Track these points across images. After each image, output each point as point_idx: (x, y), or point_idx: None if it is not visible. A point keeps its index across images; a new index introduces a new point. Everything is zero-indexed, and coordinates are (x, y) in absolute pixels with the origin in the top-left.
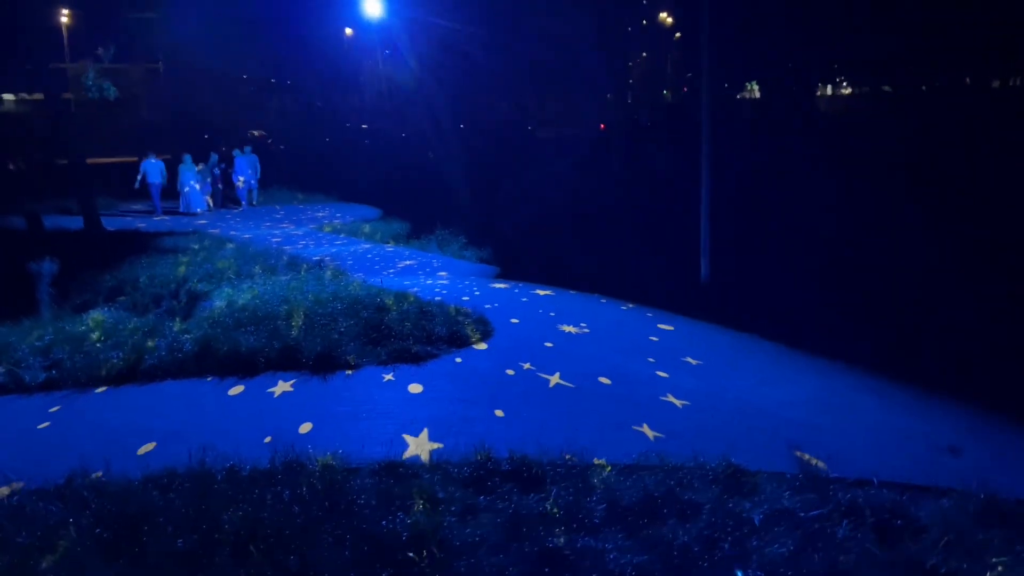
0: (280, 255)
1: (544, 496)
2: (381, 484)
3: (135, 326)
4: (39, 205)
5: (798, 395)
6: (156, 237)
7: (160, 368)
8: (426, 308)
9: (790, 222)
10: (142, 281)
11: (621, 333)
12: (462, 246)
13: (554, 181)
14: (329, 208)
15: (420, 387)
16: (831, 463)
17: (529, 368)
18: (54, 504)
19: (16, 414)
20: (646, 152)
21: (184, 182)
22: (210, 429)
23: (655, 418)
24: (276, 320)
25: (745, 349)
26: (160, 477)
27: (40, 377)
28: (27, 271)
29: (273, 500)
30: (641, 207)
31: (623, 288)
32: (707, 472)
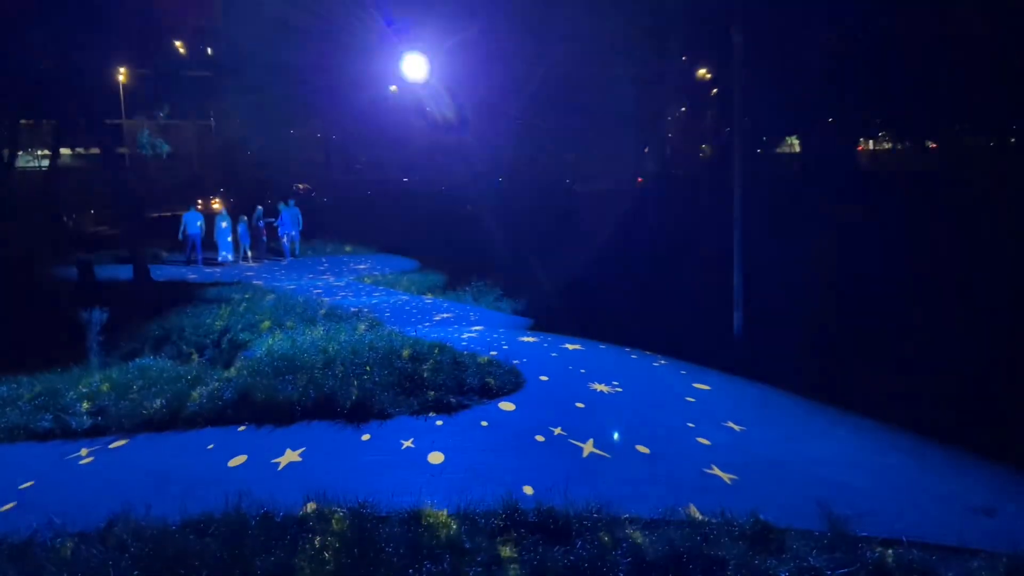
0: (319, 306)
1: (569, 548)
2: (409, 533)
3: (178, 374)
4: (91, 255)
5: (828, 452)
6: (201, 287)
7: (200, 415)
8: (459, 359)
9: (826, 278)
10: (187, 330)
11: (655, 392)
12: (497, 298)
13: (590, 234)
14: (369, 260)
15: (441, 456)
16: (860, 521)
17: (560, 433)
18: (95, 547)
19: (61, 459)
20: (682, 206)
21: (217, 234)
22: (246, 476)
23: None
24: (313, 369)
25: (776, 405)
26: (197, 522)
27: (86, 423)
28: (78, 319)
29: (305, 546)
30: (675, 261)
31: (655, 341)
32: (734, 528)
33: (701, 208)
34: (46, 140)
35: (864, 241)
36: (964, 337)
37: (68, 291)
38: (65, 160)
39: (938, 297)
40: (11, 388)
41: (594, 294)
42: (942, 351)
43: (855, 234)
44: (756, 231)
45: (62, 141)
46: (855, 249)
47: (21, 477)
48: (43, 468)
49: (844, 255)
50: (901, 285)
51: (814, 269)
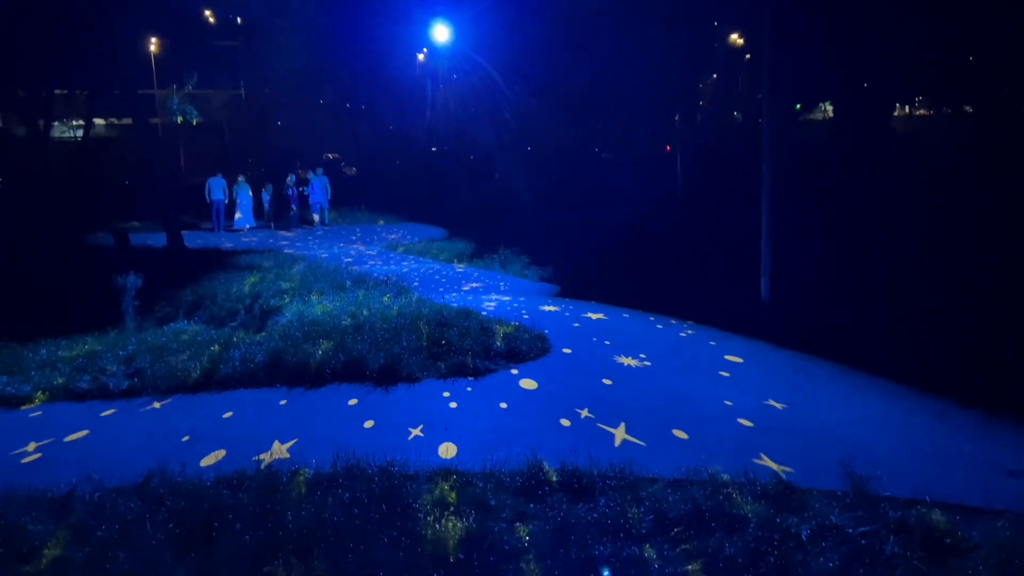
0: (349, 273)
1: (593, 506)
2: (436, 490)
3: (211, 338)
4: (126, 224)
5: (855, 415)
6: (233, 255)
7: (233, 377)
8: (486, 326)
9: (856, 243)
10: (219, 296)
11: (686, 366)
12: (524, 265)
13: (618, 202)
14: (398, 228)
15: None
16: (884, 483)
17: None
18: (132, 501)
19: (100, 418)
20: (712, 173)
21: (238, 201)
22: (278, 435)
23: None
24: (343, 334)
25: (809, 372)
26: (231, 478)
27: (123, 384)
28: (114, 285)
29: (334, 502)
30: (704, 228)
31: (683, 307)
32: (757, 488)
33: (731, 175)
34: (80, 110)
35: (895, 205)
36: (996, 302)
37: (104, 258)
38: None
39: (971, 261)
40: (51, 351)
41: (621, 261)
42: (974, 315)
43: (886, 199)
44: (785, 197)
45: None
46: (886, 214)
47: (61, 435)
48: (82, 427)
49: (874, 220)
50: (932, 249)
51: (843, 235)
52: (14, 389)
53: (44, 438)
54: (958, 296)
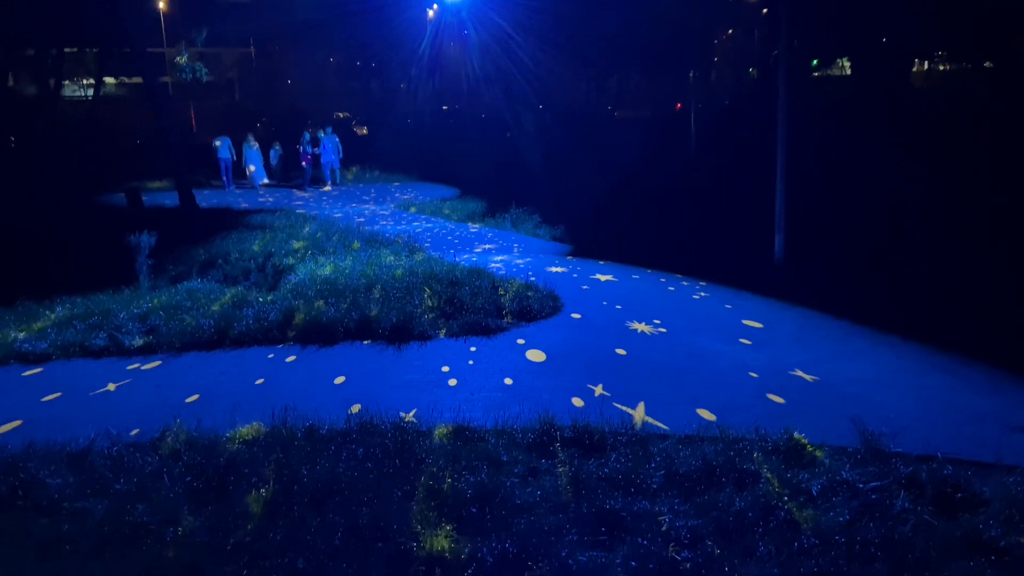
0: (361, 232)
1: (604, 461)
2: (448, 446)
3: (225, 296)
4: (138, 183)
5: (866, 372)
6: (245, 214)
7: (247, 335)
8: (497, 284)
9: (870, 200)
10: (232, 255)
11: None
12: (536, 224)
13: (631, 160)
14: (409, 188)
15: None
16: (895, 439)
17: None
18: (149, 455)
19: (116, 374)
20: (725, 131)
21: (247, 159)
22: (292, 392)
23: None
24: (355, 293)
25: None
26: (246, 433)
27: (138, 342)
28: (127, 244)
29: (348, 457)
30: (718, 185)
31: (696, 266)
32: (767, 444)
33: (745, 132)
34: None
35: (911, 162)
36: (1012, 259)
37: (117, 217)
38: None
39: (986, 221)
40: (67, 309)
41: (633, 220)
42: (988, 273)
43: (903, 158)
44: (800, 154)
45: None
46: (902, 173)
47: (78, 391)
48: (98, 383)
49: (890, 179)
50: (947, 206)
51: (858, 192)
52: (31, 346)
53: (61, 394)
54: (972, 253)
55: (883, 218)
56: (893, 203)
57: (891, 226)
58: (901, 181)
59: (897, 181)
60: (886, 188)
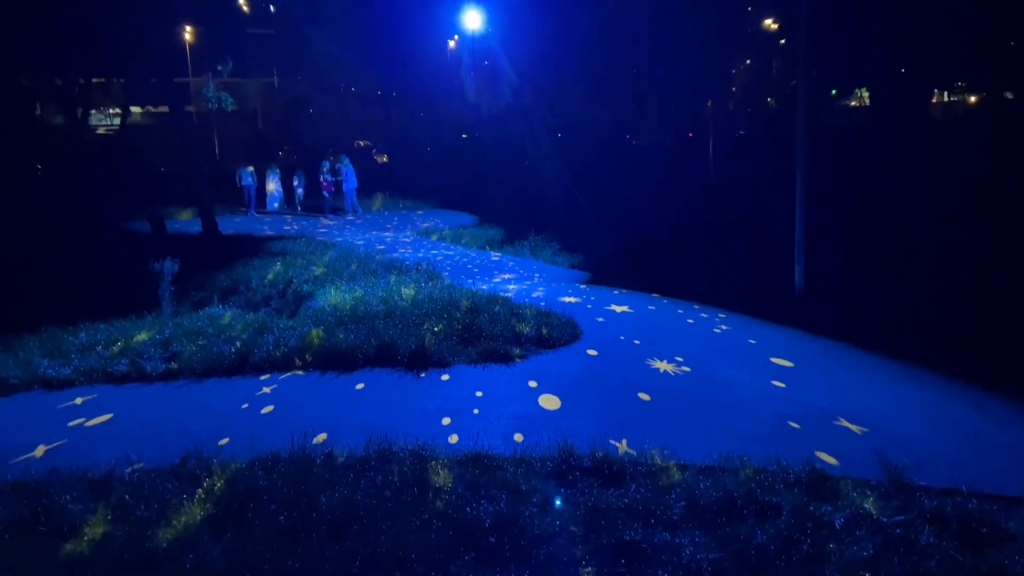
0: (381, 259)
1: (623, 492)
2: (467, 474)
3: (246, 323)
4: (162, 209)
5: (889, 404)
6: (267, 241)
7: (267, 361)
8: (516, 311)
9: (891, 231)
10: (253, 281)
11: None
12: (555, 252)
13: (649, 188)
14: (430, 215)
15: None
16: (919, 472)
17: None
18: (170, 481)
19: (137, 400)
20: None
21: (269, 185)
22: (310, 418)
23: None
24: (374, 319)
25: (838, 357)
26: (265, 459)
27: (160, 367)
28: (150, 270)
29: (367, 484)
30: (736, 214)
31: (715, 295)
32: (789, 476)
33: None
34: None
35: (932, 193)
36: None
37: (141, 244)
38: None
39: (1009, 252)
40: (90, 334)
41: (652, 248)
42: (1009, 304)
43: (923, 188)
44: (820, 184)
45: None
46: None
47: (100, 416)
48: (119, 408)
49: (910, 209)
50: (968, 238)
51: (878, 222)
52: (55, 372)
53: (83, 419)
54: (994, 285)
55: (904, 248)
56: (914, 233)
57: (912, 257)
58: (921, 211)
59: (917, 211)
60: (906, 218)
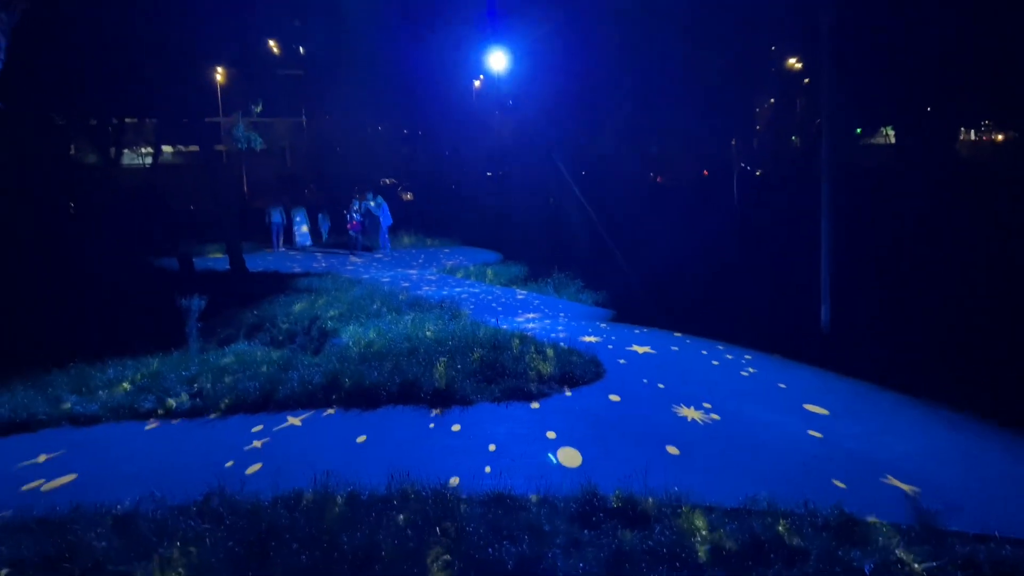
0: (405, 296)
1: (647, 534)
2: (489, 514)
3: (270, 359)
4: (191, 247)
5: (919, 446)
6: (293, 278)
7: (291, 398)
8: (540, 349)
9: (918, 270)
10: (279, 318)
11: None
12: (579, 289)
13: (673, 226)
14: (454, 252)
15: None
16: (951, 517)
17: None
18: (193, 519)
19: (162, 437)
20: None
21: (297, 225)
22: (333, 456)
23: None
24: (398, 357)
25: (870, 400)
26: (288, 498)
27: (186, 404)
28: (178, 307)
29: (388, 524)
30: (761, 253)
31: (740, 333)
32: (817, 519)
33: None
34: (149, 138)
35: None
36: None
37: (169, 280)
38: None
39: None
40: (118, 370)
41: (676, 286)
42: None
43: (950, 225)
44: (845, 222)
45: (163, 138)
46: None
47: (125, 454)
48: (145, 445)
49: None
50: (997, 277)
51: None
52: (82, 408)
53: (108, 455)
54: None
55: (930, 287)
56: (940, 272)
57: (939, 296)
58: (948, 250)
59: (944, 250)
60: (933, 257)
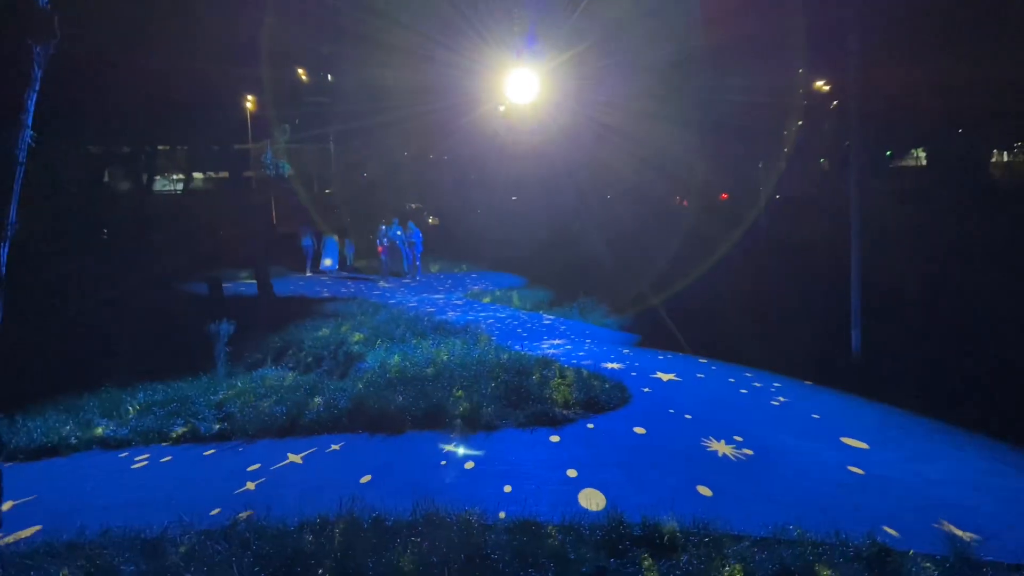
0: (430, 321)
1: (675, 563)
2: (514, 541)
3: (297, 384)
4: (220, 272)
5: (953, 474)
6: (320, 302)
7: (318, 423)
8: (564, 374)
9: (949, 294)
10: (306, 342)
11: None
12: (604, 314)
13: (700, 250)
14: (480, 276)
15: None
16: (985, 546)
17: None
18: (220, 543)
19: (191, 461)
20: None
21: (326, 250)
22: (358, 481)
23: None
24: (423, 381)
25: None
26: (313, 523)
27: (214, 428)
28: (207, 332)
29: (414, 550)
30: (789, 277)
31: (766, 358)
32: (849, 549)
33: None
34: (180, 164)
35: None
36: None
37: (199, 305)
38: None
39: None
40: (148, 395)
41: (702, 311)
42: None
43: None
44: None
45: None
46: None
47: (155, 477)
48: (173, 470)
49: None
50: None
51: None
52: (113, 432)
53: (138, 479)
54: None
55: (964, 311)
56: (973, 296)
57: (972, 319)
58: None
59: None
60: (965, 281)
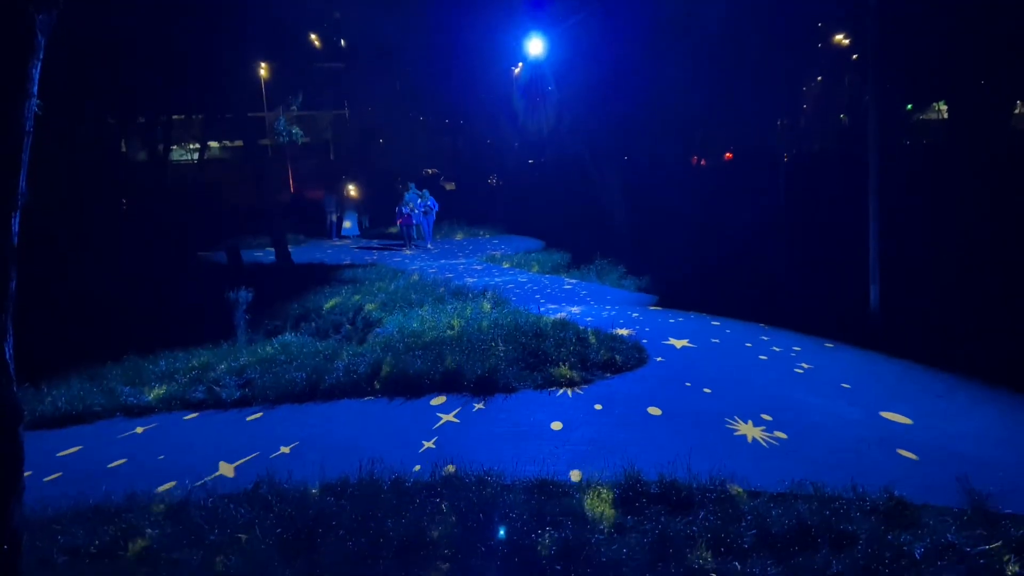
0: (449, 285)
1: (692, 519)
2: (532, 500)
3: (317, 350)
4: (238, 240)
5: (971, 428)
6: (338, 269)
7: (337, 388)
8: (582, 336)
9: (971, 248)
10: (324, 309)
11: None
12: (621, 275)
13: (716, 209)
14: (497, 240)
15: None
16: (1004, 500)
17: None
18: (243, 507)
19: (213, 426)
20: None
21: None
22: (379, 443)
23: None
24: (441, 345)
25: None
26: (335, 485)
27: (235, 395)
28: (226, 299)
29: (433, 510)
30: (808, 234)
31: (783, 315)
32: (865, 503)
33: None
34: (196, 134)
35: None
36: None
37: (218, 273)
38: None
39: None
40: (169, 362)
41: (720, 270)
42: None
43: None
44: (895, 201)
45: (210, 134)
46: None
47: (176, 442)
48: (197, 435)
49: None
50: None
51: (958, 240)
52: (135, 399)
53: (161, 445)
54: None
55: (983, 266)
56: (994, 250)
57: (992, 274)
58: (1002, 227)
59: (997, 227)
60: (986, 234)
